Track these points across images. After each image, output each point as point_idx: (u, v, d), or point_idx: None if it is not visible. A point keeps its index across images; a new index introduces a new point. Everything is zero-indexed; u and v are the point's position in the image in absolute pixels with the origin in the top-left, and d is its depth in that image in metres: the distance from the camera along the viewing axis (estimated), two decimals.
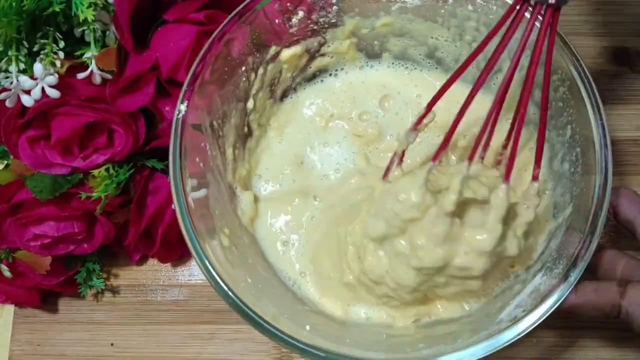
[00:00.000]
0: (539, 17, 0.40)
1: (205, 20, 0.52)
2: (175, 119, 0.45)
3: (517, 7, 0.40)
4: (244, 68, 0.50)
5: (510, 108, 0.44)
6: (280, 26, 0.51)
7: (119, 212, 0.55)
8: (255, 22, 0.48)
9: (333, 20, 0.53)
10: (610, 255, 0.44)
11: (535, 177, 0.43)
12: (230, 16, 0.47)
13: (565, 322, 0.56)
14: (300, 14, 0.51)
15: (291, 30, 0.51)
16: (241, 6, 0.47)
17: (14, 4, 0.47)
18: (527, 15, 0.40)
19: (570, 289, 0.40)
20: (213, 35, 0.47)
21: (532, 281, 0.43)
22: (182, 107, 0.45)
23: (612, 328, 0.55)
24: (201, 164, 0.47)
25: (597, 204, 0.41)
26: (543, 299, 0.40)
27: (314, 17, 0.52)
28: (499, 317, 0.42)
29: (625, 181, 0.59)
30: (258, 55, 0.50)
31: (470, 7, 0.49)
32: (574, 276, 0.40)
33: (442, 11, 0.50)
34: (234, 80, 0.50)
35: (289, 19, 0.51)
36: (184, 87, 0.45)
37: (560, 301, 0.40)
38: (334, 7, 0.52)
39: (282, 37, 0.51)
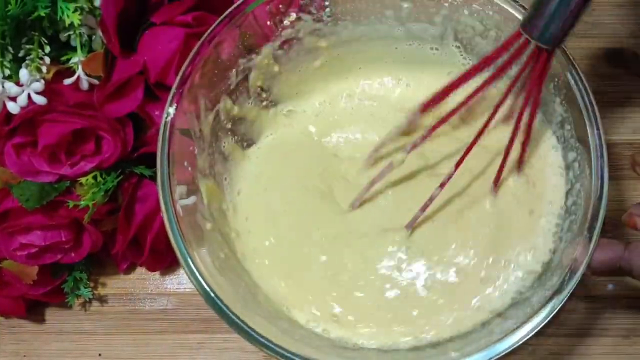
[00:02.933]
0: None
1: (194, 22, 0.51)
2: (163, 122, 0.44)
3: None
4: (234, 71, 0.49)
5: None
6: (270, 28, 0.50)
7: (107, 220, 0.54)
8: (245, 25, 0.47)
9: None
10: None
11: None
12: (219, 19, 0.46)
13: (562, 330, 0.55)
14: (292, 16, 0.50)
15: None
16: (231, 8, 0.47)
17: None
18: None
19: (565, 298, 0.40)
20: (202, 38, 0.46)
21: None
22: (171, 110, 0.44)
23: (610, 335, 0.55)
24: (190, 169, 0.46)
25: (592, 215, 0.41)
26: (537, 311, 0.39)
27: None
28: (492, 329, 0.41)
29: (621, 186, 0.59)
30: (248, 58, 0.50)
31: (466, 12, 0.48)
32: (568, 289, 0.40)
33: (438, 16, 0.50)
34: (224, 83, 0.49)
35: (280, 21, 0.50)
36: (173, 90, 0.45)
37: (554, 313, 0.39)
38: (326, 10, 0.51)
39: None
